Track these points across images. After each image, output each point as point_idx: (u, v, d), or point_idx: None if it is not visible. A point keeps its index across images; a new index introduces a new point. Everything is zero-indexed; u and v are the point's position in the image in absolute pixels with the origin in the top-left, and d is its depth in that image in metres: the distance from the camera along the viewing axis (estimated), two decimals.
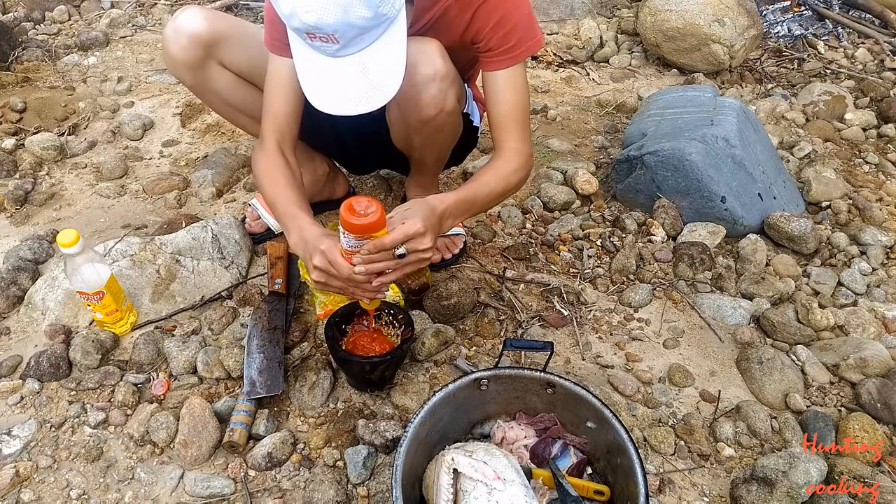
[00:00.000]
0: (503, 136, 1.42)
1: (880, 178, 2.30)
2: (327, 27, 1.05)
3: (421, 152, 1.61)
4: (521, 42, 1.35)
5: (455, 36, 1.37)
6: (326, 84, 1.16)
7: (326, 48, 1.11)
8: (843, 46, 3.26)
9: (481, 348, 1.56)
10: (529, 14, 1.37)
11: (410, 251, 1.17)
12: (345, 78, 1.14)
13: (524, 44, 1.36)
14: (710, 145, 1.92)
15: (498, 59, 1.37)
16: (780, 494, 1.20)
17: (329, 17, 1.03)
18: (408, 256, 1.18)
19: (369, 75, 1.14)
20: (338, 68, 1.14)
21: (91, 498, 1.22)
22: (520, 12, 1.34)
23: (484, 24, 1.34)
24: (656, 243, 1.90)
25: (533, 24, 1.37)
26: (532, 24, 1.37)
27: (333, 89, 1.16)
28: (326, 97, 1.17)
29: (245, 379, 1.37)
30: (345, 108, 1.16)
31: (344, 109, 1.16)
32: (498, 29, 1.34)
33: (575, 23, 3.38)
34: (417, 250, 1.17)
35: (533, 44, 1.37)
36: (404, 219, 1.17)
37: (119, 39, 3.02)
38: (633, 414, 1.42)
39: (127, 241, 1.68)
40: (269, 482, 1.26)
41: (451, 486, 1.06)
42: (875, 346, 1.54)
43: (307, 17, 1.04)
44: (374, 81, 1.15)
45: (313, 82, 1.18)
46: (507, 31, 1.34)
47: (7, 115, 2.33)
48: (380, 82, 1.15)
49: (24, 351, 1.49)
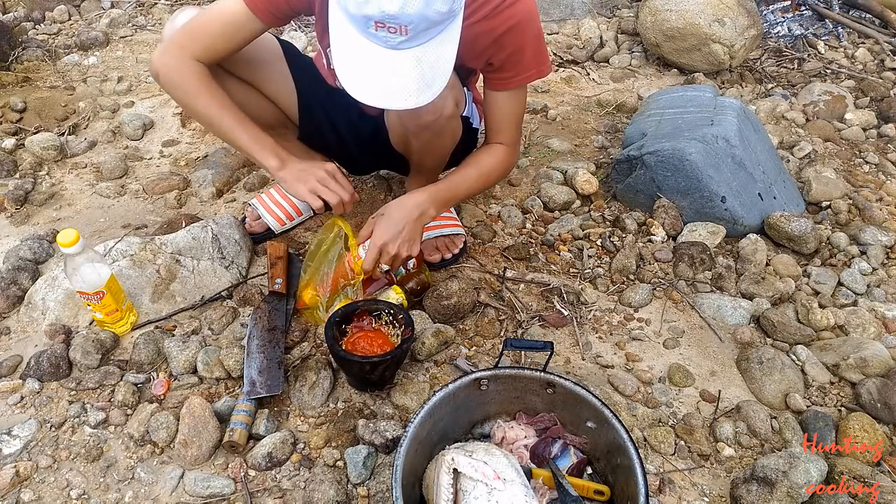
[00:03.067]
0: (493, 135, 1.54)
1: (880, 178, 2.30)
2: (405, 17, 1.04)
3: (420, 156, 1.61)
4: (527, 67, 1.40)
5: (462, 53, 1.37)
6: (375, 76, 1.13)
7: (390, 39, 1.08)
8: (844, 46, 3.26)
9: (481, 348, 1.56)
10: (541, 45, 1.40)
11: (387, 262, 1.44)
12: (397, 71, 1.12)
13: (529, 70, 1.41)
14: (711, 145, 1.92)
15: (503, 81, 1.43)
16: (780, 494, 1.20)
17: (411, 8, 1.02)
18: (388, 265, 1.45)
19: (422, 70, 1.13)
20: (392, 61, 1.11)
21: (91, 498, 1.23)
22: (535, 44, 1.38)
23: (499, 51, 1.37)
24: (656, 243, 1.90)
25: (543, 54, 1.42)
26: (542, 54, 1.41)
27: (381, 81, 1.14)
28: (372, 89, 1.15)
29: (245, 379, 1.37)
30: (392, 101, 1.15)
31: (390, 103, 1.15)
32: (511, 57, 1.38)
33: (575, 23, 3.37)
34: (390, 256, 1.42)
35: (536, 72, 1.42)
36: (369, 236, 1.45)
37: (119, 39, 3.02)
38: (633, 414, 1.42)
39: (127, 241, 1.68)
40: (269, 482, 1.26)
41: (451, 485, 1.06)
42: (875, 346, 1.54)
43: (389, 5, 1.02)
44: (425, 76, 1.13)
45: (358, 72, 1.15)
46: (519, 59, 1.38)
47: (7, 115, 2.33)
48: (431, 78, 1.14)
49: (25, 351, 1.49)
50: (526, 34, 1.35)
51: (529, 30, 1.35)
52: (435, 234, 1.74)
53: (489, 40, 1.34)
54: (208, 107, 1.41)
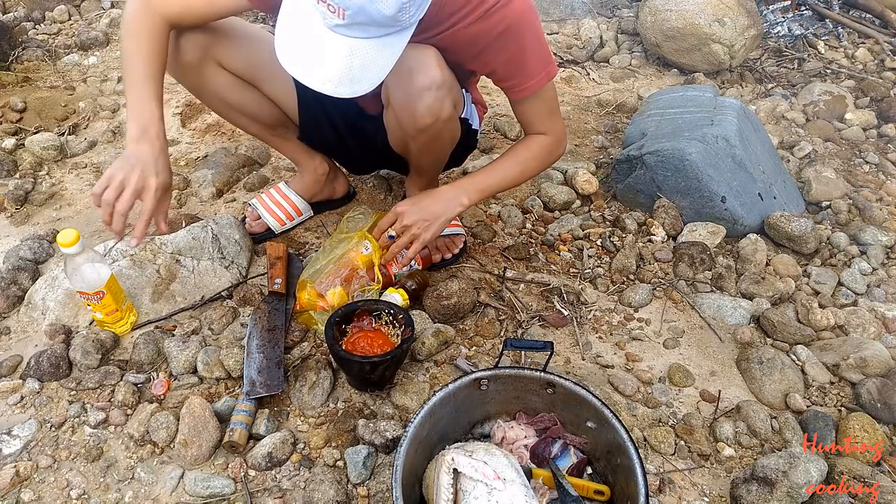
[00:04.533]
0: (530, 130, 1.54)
1: (880, 178, 2.30)
2: (343, 0, 1.03)
3: (419, 157, 1.61)
4: (535, 71, 1.39)
5: (459, 56, 1.37)
6: (305, 48, 1.12)
7: (328, 17, 1.07)
8: (844, 46, 3.26)
9: (481, 348, 1.56)
10: (543, 46, 1.38)
11: (397, 231, 1.46)
12: (327, 53, 1.11)
13: (538, 73, 1.39)
14: (711, 145, 1.92)
15: (518, 91, 1.42)
16: (780, 494, 1.20)
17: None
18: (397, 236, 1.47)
19: (352, 64, 1.11)
20: (325, 40, 1.10)
21: (91, 498, 1.23)
22: (536, 45, 1.36)
23: (494, 58, 1.35)
24: (656, 243, 1.90)
25: (546, 55, 1.39)
26: (545, 54, 1.39)
27: (308, 56, 1.12)
28: (296, 59, 1.13)
29: (245, 379, 1.37)
30: (309, 78, 1.13)
31: (307, 79, 1.13)
32: (511, 63, 1.36)
33: (575, 23, 3.37)
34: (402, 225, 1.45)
35: (546, 74, 1.40)
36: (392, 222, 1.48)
37: (119, 39, 3.02)
38: (633, 414, 1.42)
39: (127, 241, 1.67)
40: (269, 482, 1.26)
41: (451, 485, 1.06)
42: (875, 346, 1.54)
43: None
44: (352, 71, 1.12)
45: (291, 41, 1.14)
46: (522, 62, 1.36)
47: (7, 115, 2.33)
48: (357, 76, 1.13)
49: (24, 351, 1.49)
50: (524, 35, 1.33)
51: (528, 31, 1.33)
52: None
53: (486, 41, 1.32)
54: (128, 50, 1.33)
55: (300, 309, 1.58)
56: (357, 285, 1.56)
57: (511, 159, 1.53)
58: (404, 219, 1.44)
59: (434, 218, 1.45)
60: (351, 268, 1.58)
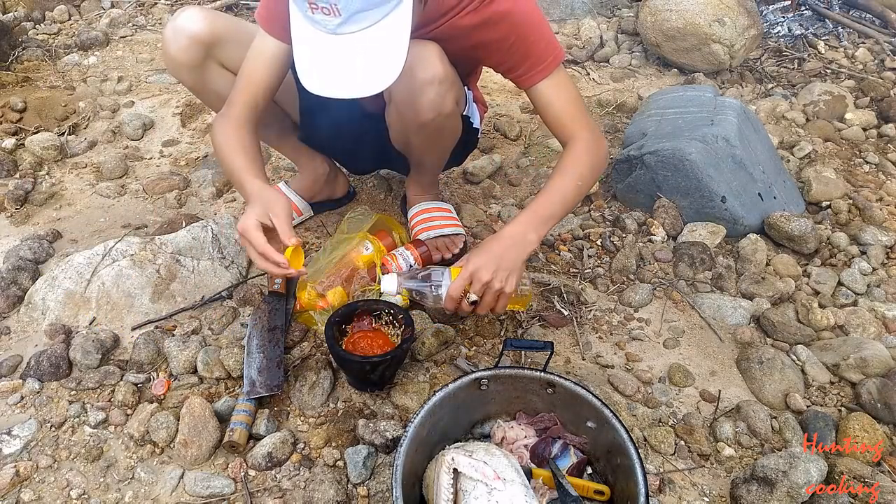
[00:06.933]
0: (563, 134, 1.42)
1: (880, 178, 2.30)
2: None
3: (420, 154, 1.61)
4: (543, 55, 1.34)
5: (460, 48, 1.36)
6: (322, 64, 1.10)
7: (327, 22, 1.06)
8: (844, 46, 3.26)
9: (481, 348, 1.56)
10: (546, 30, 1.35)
11: (477, 292, 1.28)
12: (343, 59, 1.09)
13: (546, 57, 1.34)
14: (711, 145, 1.92)
15: (528, 75, 1.36)
16: (780, 494, 1.20)
17: None
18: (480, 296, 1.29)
19: (369, 58, 1.09)
20: (337, 47, 1.08)
21: (91, 498, 1.23)
22: (539, 30, 1.33)
23: (496, 46, 1.33)
24: (656, 243, 1.90)
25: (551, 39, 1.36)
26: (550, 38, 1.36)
27: (329, 70, 1.10)
28: (321, 79, 1.11)
29: (245, 379, 1.37)
30: (338, 90, 1.10)
31: (337, 92, 1.10)
32: (514, 51, 1.33)
33: (575, 22, 3.37)
34: (482, 284, 1.26)
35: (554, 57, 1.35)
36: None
37: (119, 39, 3.02)
38: (634, 414, 1.42)
39: (127, 241, 1.68)
40: (269, 482, 1.26)
41: (451, 485, 1.06)
42: (875, 346, 1.54)
43: None
44: (372, 66, 1.09)
45: (309, 61, 1.11)
46: (526, 50, 1.33)
47: (7, 115, 2.33)
48: (380, 65, 1.10)
49: (24, 351, 1.50)
50: (523, 22, 1.31)
51: (526, 17, 1.31)
52: (435, 234, 1.74)
53: (485, 30, 1.31)
54: (228, 168, 1.39)
55: (300, 309, 1.58)
56: (357, 285, 1.56)
57: (562, 176, 1.37)
58: (481, 276, 1.26)
59: (513, 265, 1.29)
60: (351, 268, 1.58)
